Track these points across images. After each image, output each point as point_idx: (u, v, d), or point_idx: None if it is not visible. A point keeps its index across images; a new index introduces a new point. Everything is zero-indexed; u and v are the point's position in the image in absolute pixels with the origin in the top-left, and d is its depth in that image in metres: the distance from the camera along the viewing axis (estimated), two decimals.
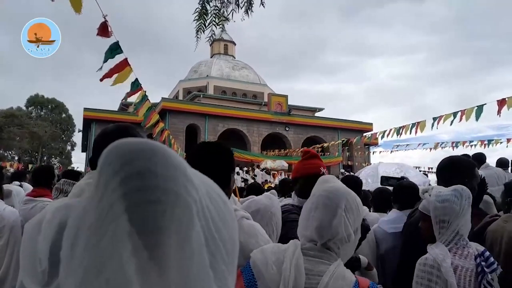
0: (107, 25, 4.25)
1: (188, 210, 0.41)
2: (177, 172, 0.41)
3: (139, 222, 0.38)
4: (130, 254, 0.37)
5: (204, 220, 0.43)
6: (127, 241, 0.37)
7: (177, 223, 0.39)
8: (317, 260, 1.29)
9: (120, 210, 0.38)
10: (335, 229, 1.29)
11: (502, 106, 6.74)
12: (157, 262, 0.38)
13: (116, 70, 4.96)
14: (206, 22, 3.05)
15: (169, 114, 22.96)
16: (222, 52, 37.73)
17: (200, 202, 0.43)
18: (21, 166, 19.81)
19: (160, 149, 0.42)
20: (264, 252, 1.34)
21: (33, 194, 3.27)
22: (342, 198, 1.34)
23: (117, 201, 0.38)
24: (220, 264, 0.45)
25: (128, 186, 0.39)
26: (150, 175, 0.39)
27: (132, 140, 0.42)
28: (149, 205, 0.38)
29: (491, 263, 1.78)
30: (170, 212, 0.39)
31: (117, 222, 0.38)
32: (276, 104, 26.29)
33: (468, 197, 1.88)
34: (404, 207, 2.89)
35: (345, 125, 28.18)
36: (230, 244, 0.48)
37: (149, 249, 0.38)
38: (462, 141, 13.33)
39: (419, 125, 9.35)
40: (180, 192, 0.40)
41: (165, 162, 0.41)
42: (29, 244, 0.81)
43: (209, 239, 0.44)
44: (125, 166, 0.39)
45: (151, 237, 0.38)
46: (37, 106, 44.95)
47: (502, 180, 4.68)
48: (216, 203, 0.48)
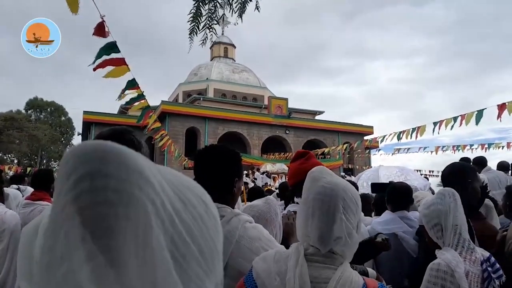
0: (104, 25, 4.25)
1: (143, 210, 0.39)
2: (131, 172, 0.40)
3: (91, 225, 0.37)
4: (84, 259, 0.36)
5: (169, 222, 0.42)
6: (80, 245, 0.36)
7: (132, 225, 0.38)
8: (322, 265, 1.23)
9: (71, 213, 0.37)
10: (336, 234, 1.23)
11: (503, 111, 6.73)
12: (114, 266, 0.36)
13: (110, 63, 4.92)
14: (200, 24, 3.04)
15: (168, 117, 22.96)
16: (222, 55, 37.78)
17: (162, 203, 0.42)
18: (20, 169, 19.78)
19: (115, 149, 0.41)
20: (266, 261, 1.29)
21: (33, 197, 3.26)
22: (339, 200, 1.24)
23: (69, 204, 0.38)
24: (194, 267, 0.44)
25: (79, 188, 0.38)
26: (100, 176, 0.38)
27: (89, 142, 0.41)
28: (99, 206, 0.37)
29: (497, 269, 1.78)
30: (123, 213, 0.38)
31: (68, 225, 0.37)
32: (276, 107, 26.31)
33: (452, 195, 1.91)
34: (397, 208, 2.90)
35: (346, 128, 28.19)
36: (208, 248, 0.46)
37: (105, 253, 0.36)
38: (463, 145, 13.32)
39: (420, 130, 9.35)
40: (133, 192, 0.39)
41: (118, 162, 0.40)
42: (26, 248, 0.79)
43: (177, 241, 0.42)
44: (77, 168, 0.39)
45: (105, 240, 0.37)
46: (36, 109, 45.01)
47: (503, 183, 4.68)
48: (193, 206, 0.47)
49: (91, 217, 0.37)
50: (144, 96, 6.81)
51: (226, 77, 34.02)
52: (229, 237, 1.46)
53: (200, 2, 2.98)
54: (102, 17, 4.20)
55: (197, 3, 2.97)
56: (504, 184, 4.54)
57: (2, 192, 2.88)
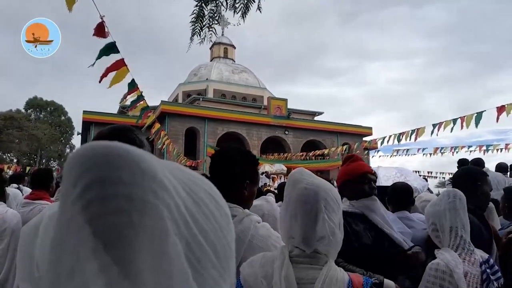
0: (103, 25, 4.25)
1: (159, 217, 0.37)
2: (143, 177, 0.37)
3: (103, 235, 0.34)
4: (97, 271, 0.33)
5: (183, 225, 0.40)
6: (92, 257, 0.34)
7: (148, 233, 0.36)
8: (307, 266, 1.24)
9: (81, 223, 0.35)
10: (320, 234, 1.25)
11: (501, 113, 6.74)
12: (129, 278, 0.34)
13: (111, 69, 4.92)
14: (202, 25, 3.05)
15: (168, 117, 22.95)
16: (222, 55, 37.77)
17: (177, 206, 0.40)
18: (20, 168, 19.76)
19: (124, 152, 0.38)
20: (253, 265, 1.29)
21: (32, 196, 3.27)
22: (320, 201, 1.27)
23: (78, 214, 0.35)
24: (210, 269, 0.42)
25: (88, 195, 0.35)
26: (111, 182, 0.36)
27: (96, 144, 0.39)
28: (111, 215, 0.35)
29: (496, 271, 1.81)
30: (137, 221, 0.35)
31: (78, 236, 0.35)
32: (275, 107, 26.31)
33: (453, 196, 1.91)
34: (397, 208, 2.91)
35: (345, 129, 28.18)
36: (221, 247, 0.45)
37: (119, 264, 0.34)
38: (461, 146, 13.32)
39: (419, 132, 9.35)
40: (147, 199, 0.36)
41: (129, 167, 0.37)
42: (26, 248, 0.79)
43: (192, 244, 0.40)
44: (85, 173, 0.36)
45: (120, 250, 0.34)
46: (36, 108, 44.96)
47: (501, 185, 4.68)
48: (205, 205, 0.45)
49: (102, 227, 0.35)
50: (143, 97, 6.82)
51: (225, 78, 34.01)
52: (241, 236, 1.48)
53: (203, 2, 2.98)
54: (102, 17, 4.21)
55: (200, 2, 2.98)
56: (502, 185, 4.55)
57: (3, 192, 2.88)
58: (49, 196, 3.33)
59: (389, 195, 3.07)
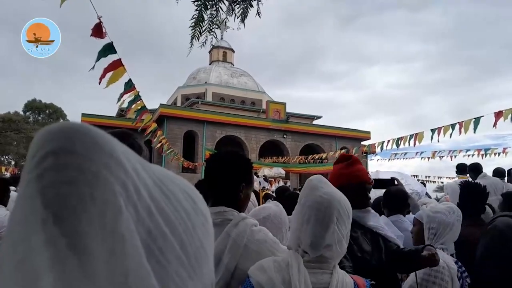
0: (101, 26, 4.26)
1: (111, 192, 0.36)
2: (99, 152, 0.37)
3: (53, 206, 0.33)
4: (43, 243, 0.32)
5: (145, 210, 0.39)
6: (40, 228, 0.33)
7: (98, 207, 0.35)
8: (319, 271, 1.31)
9: (33, 192, 0.34)
10: (327, 242, 1.31)
11: (499, 118, 6.75)
12: (77, 252, 0.33)
13: (109, 69, 4.93)
14: (202, 29, 3.06)
15: (167, 121, 22.95)
16: (221, 59, 37.85)
17: (136, 188, 0.38)
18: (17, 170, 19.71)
19: (83, 128, 0.38)
20: (267, 271, 1.30)
21: None
22: (333, 211, 1.32)
23: (31, 183, 0.35)
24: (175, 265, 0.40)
25: (42, 166, 0.35)
26: (65, 153, 0.35)
27: (59, 122, 0.39)
28: (63, 185, 0.34)
29: (464, 270, 2.08)
30: (88, 194, 0.34)
31: (29, 205, 0.34)
32: (274, 111, 26.35)
33: (458, 216, 2.20)
34: (392, 212, 2.92)
35: (343, 133, 28.23)
36: (192, 246, 0.43)
37: (67, 237, 0.33)
38: (459, 150, 13.35)
39: (417, 136, 9.37)
40: (100, 172, 0.36)
41: (86, 140, 0.37)
42: None
43: (154, 233, 0.39)
44: (42, 146, 0.36)
45: (69, 222, 0.33)
46: (34, 111, 44.87)
47: (499, 190, 4.70)
48: (177, 200, 0.43)
49: (53, 197, 0.34)
50: (140, 97, 6.81)
51: (224, 81, 34.07)
52: (237, 240, 1.47)
53: (202, 7, 2.99)
54: (99, 18, 4.21)
55: (199, 7, 2.99)
56: (500, 190, 4.56)
57: (6, 196, 2.88)
58: None
59: (384, 200, 3.08)
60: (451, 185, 4.20)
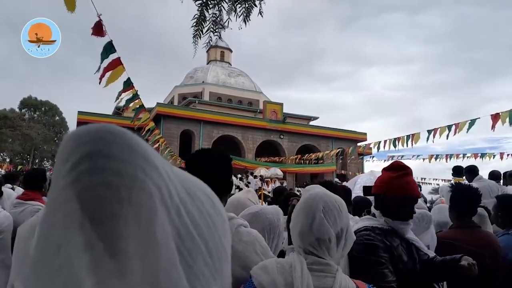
0: (101, 24, 4.25)
1: (147, 194, 0.36)
2: (134, 154, 0.37)
3: (91, 209, 0.33)
4: (82, 247, 0.32)
5: (175, 212, 0.39)
6: (78, 232, 0.33)
7: (135, 210, 0.35)
8: (322, 274, 1.30)
9: (69, 197, 0.34)
10: (317, 234, 1.32)
11: (496, 121, 6.77)
12: (114, 256, 0.33)
13: (109, 68, 4.94)
14: (203, 28, 3.05)
15: (163, 120, 22.89)
16: (219, 58, 37.82)
17: (168, 191, 0.39)
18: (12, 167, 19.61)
19: (118, 131, 0.38)
20: (269, 272, 1.30)
21: (24, 197, 3.22)
22: (319, 202, 1.37)
23: (67, 187, 0.34)
24: (201, 265, 0.40)
25: (78, 169, 0.34)
26: (102, 157, 0.35)
27: (90, 124, 0.39)
28: (100, 189, 0.34)
29: None
30: (125, 196, 0.35)
31: (65, 210, 0.34)
32: (271, 111, 26.34)
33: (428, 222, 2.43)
34: None
35: (340, 134, 28.27)
36: (215, 247, 0.43)
37: (105, 241, 0.33)
38: (456, 154, 13.39)
39: (414, 137, 9.39)
40: (136, 175, 0.36)
41: (121, 143, 0.37)
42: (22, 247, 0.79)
43: (183, 235, 0.39)
44: (77, 149, 0.36)
45: (106, 226, 0.33)
46: (30, 108, 44.63)
47: (494, 192, 4.72)
48: (200, 201, 0.44)
49: (90, 201, 0.34)
50: (138, 96, 6.80)
51: (222, 81, 34.04)
52: None
53: (204, 7, 2.98)
54: (99, 16, 4.20)
55: (201, 7, 2.98)
56: (495, 193, 4.58)
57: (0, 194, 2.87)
58: (42, 197, 3.29)
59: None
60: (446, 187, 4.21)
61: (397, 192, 1.92)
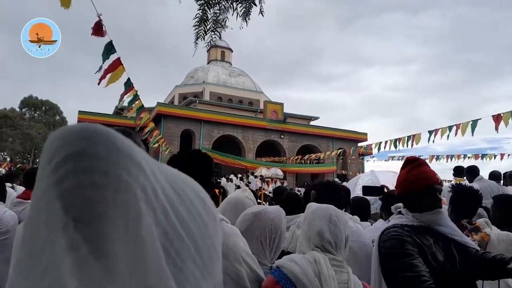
0: (101, 24, 4.25)
1: (133, 197, 0.35)
2: (120, 154, 0.36)
3: (74, 210, 0.32)
4: (65, 249, 0.31)
5: (162, 212, 0.38)
6: (61, 234, 0.32)
7: (121, 212, 0.34)
8: (339, 269, 1.50)
9: (52, 197, 0.33)
10: (332, 232, 1.56)
11: (499, 122, 6.72)
12: (100, 258, 0.32)
13: (109, 70, 4.97)
14: (206, 28, 3.04)
15: (164, 119, 22.89)
16: (219, 58, 37.83)
17: (154, 191, 0.38)
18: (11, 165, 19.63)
19: (103, 130, 0.37)
20: (299, 263, 1.47)
21: (24, 196, 3.23)
22: (331, 210, 1.64)
23: (50, 188, 0.33)
24: (191, 266, 0.40)
25: (62, 169, 0.34)
26: (86, 156, 0.34)
27: (75, 124, 0.38)
28: (84, 189, 0.33)
29: None
30: (110, 197, 0.34)
31: (48, 211, 0.33)
32: (271, 111, 26.34)
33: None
34: (389, 216, 2.91)
35: (340, 134, 28.26)
36: (205, 246, 0.42)
37: (89, 243, 0.32)
38: (457, 155, 13.39)
39: (415, 138, 9.39)
40: (121, 175, 0.35)
41: (106, 143, 0.36)
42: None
43: (170, 235, 0.38)
44: (61, 148, 0.35)
45: (91, 228, 0.32)
46: (30, 107, 44.70)
47: (495, 192, 4.74)
48: (189, 200, 0.43)
49: (74, 202, 0.33)
50: (138, 96, 6.82)
51: (222, 81, 34.04)
52: None
53: (206, 6, 2.97)
54: (99, 16, 4.20)
55: (203, 7, 2.97)
56: (495, 193, 4.58)
57: (4, 193, 2.87)
58: None
59: (383, 203, 3.06)
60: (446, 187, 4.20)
61: (419, 184, 1.88)
